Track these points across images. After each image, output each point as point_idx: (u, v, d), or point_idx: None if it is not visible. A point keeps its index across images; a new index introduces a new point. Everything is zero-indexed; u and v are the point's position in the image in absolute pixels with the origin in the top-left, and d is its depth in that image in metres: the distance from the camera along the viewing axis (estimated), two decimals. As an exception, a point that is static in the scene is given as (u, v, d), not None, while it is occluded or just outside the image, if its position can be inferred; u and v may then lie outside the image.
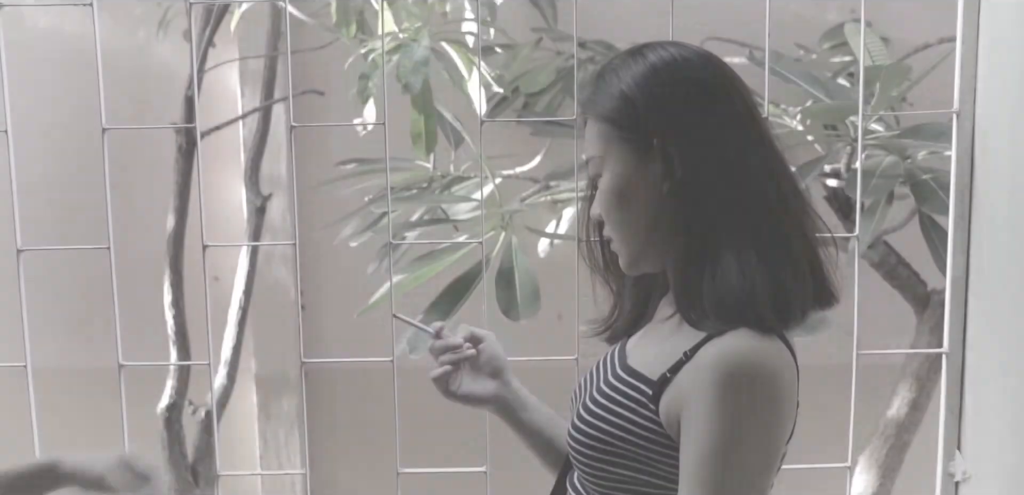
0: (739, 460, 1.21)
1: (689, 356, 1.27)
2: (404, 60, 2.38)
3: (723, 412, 1.21)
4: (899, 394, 2.72)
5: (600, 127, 1.35)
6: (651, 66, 1.33)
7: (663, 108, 1.31)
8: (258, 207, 3.04)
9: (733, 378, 1.21)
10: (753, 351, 1.23)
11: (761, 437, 1.22)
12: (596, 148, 1.35)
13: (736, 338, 1.24)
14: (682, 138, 1.29)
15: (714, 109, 1.31)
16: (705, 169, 1.29)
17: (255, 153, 3.07)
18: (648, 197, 1.32)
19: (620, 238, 1.36)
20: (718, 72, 1.34)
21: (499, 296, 2.30)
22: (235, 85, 3.37)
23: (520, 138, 3.11)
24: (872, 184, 2.25)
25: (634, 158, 1.32)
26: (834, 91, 2.46)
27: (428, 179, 2.80)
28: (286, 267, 3.48)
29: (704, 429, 1.21)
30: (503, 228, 2.44)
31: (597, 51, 3.00)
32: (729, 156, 1.29)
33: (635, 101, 1.31)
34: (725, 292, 1.26)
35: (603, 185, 1.35)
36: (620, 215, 1.34)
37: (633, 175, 1.32)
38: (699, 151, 1.29)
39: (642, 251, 1.36)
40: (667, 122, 1.30)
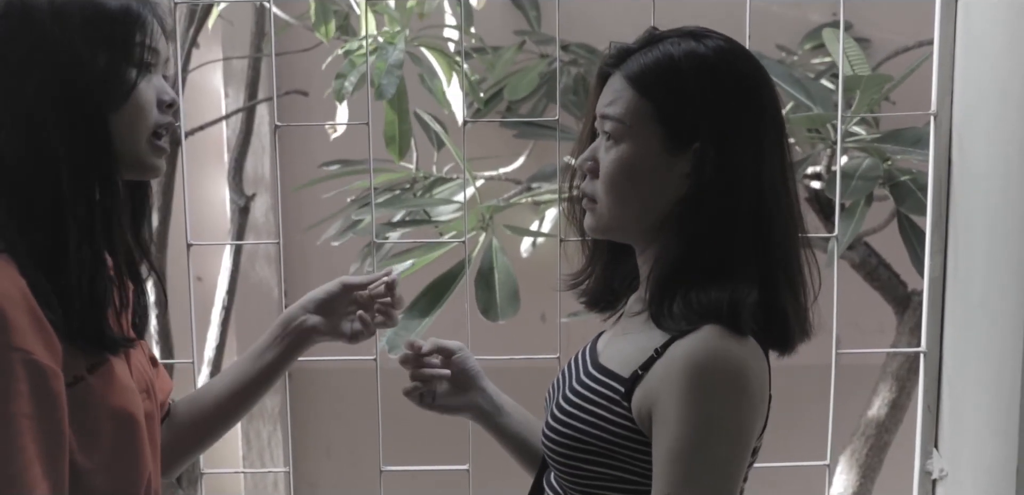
0: (710, 454, 1.21)
1: (660, 352, 1.27)
2: (379, 63, 2.38)
3: (693, 407, 1.21)
4: (879, 394, 2.75)
5: (639, 102, 1.31)
6: (711, 69, 1.30)
7: (714, 118, 1.29)
8: (242, 207, 3.04)
9: (703, 373, 1.22)
10: (723, 347, 1.24)
11: (731, 431, 1.23)
12: (625, 115, 1.32)
13: (706, 333, 1.25)
14: (724, 153, 1.28)
15: (762, 133, 1.31)
16: (737, 186, 1.29)
17: (239, 153, 3.07)
18: (662, 188, 1.31)
19: (609, 204, 1.34)
20: (772, 92, 1.33)
21: (478, 296, 2.31)
22: (219, 85, 3.37)
23: (502, 140, 3.12)
24: (852, 185, 2.27)
25: (664, 149, 1.31)
26: (815, 93, 2.48)
27: (410, 180, 2.81)
28: (269, 267, 3.49)
29: (675, 424, 1.22)
30: (484, 229, 2.45)
31: (580, 54, 3.01)
32: (763, 180, 1.30)
33: (689, 100, 1.30)
34: (708, 302, 1.26)
35: (619, 154, 1.32)
36: (622, 189, 1.33)
37: (656, 163, 1.31)
38: (737, 169, 1.29)
39: (622, 227, 1.36)
40: (713, 133, 1.29)
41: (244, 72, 3.10)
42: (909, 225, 2.36)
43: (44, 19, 1.22)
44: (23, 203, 1.22)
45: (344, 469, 3.58)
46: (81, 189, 1.22)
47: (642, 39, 1.37)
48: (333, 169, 2.87)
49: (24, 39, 1.22)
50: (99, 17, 1.24)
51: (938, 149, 1.91)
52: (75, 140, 1.22)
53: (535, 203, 2.75)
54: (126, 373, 1.29)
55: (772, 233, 1.30)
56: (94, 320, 1.24)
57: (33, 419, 1.14)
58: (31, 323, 1.16)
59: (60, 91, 1.21)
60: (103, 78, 1.24)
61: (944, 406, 1.94)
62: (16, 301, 1.16)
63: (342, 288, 1.56)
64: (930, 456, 1.96)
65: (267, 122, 3.36)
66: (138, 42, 1.25)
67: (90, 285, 1.23)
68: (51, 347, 1.18)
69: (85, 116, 1.23)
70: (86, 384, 1.23)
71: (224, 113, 3.28)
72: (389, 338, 2.20)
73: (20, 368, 1.14)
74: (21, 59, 1.21)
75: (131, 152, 1.28)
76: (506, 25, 3.18)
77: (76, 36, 1.22)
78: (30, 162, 1.21)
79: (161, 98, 1.29)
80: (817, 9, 3.23)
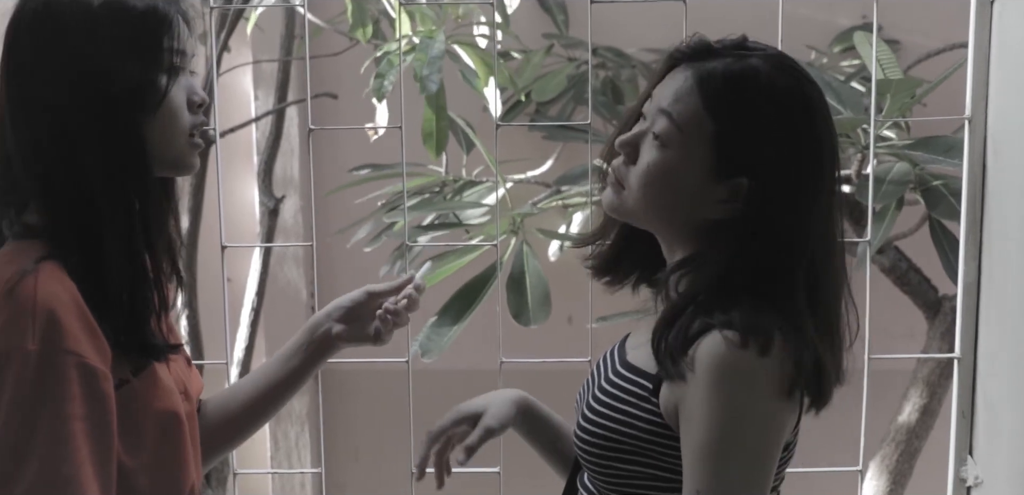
0: (738, 448, 1.20)
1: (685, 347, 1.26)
2: (420, 55, 2.38)
3: (719, 402, 1.20)
4: (910, 399, 2.73)
5: (701, 115, 1.26)
6: (781, 112, 1.25)
7: (770, 162, 1.25)
8: (271, 209, 3.05)
9: (728, 368, 1.20)
10: (749, 341, 1.21)
11: (759, 424, 1.21)
12: (682, 122, 1.26)
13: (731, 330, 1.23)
14: (775, 196, 1.25)
15: (815, 188, 1.27)
16: (777, 230, 1.26)
17: (268, 155, 3.09)
18: (697, 207, 1.28)
19: (637, 198, 1.30)
20: (834, 146, 1.29)
21: (510, 301, 2.31)
22: (248, 88, 3.39)
23: (531, 143, 3.12)
24: (883, 190, 2.26)
25: (710, 170, 1.27)
26: (846, 96, 2.47)
27: (440, 183, 2.81)
28: (297, 269, 3.50)
29: (701, 420, 1.21)
30: (514, 232, 2.46)
31: (608, 57, 3.02)
32: (807, 228, 1.27)
33: (750, 135, 1.25)
34: (726, 322, 1.23)
35: (662, 159, 1.27)
36: (655, 193, 1.29)
37: (698, 182, 1.27)
38: (778, 214, 1.26)
39: (645, 222, 1.33)
40: (764, 176, 1.25)
41: (274, 75, 3.12)
42: (941, 230, 2.35)
43: (73, 30, 1.22)
44: (63, 215, 1.23)
45: (372, 471, 3.59)
46: (118, 199, 1.23)
47: (728, 45, 1.31)
48: (364, 173, 2.89)
49: (55, 52, 1.22)
50: (126, 23, 1.24)
51: (973, 154, 1.90)
52: (110, 151, 1.23)
53: (564, 206, 2.75)
54: (167, 375, 1.31)
55: (812, 284, 1.27)
56: (137, 330, 1.25)
57: (85, 421, 1.16)
58: (82, 327, 1.18)
59: (92, 103, 1.22)
60: (134, 88, 1.24)
61: (978, 412, 1.93)
62: (67, 305, 1.17)
63: (367, 296, 1.57)
64: (965, 463, 1.95)
65: (296, 124, 3.37)
66: (166, 47, 1.25)
67: (131, 297, 1.24)
68: (101, 350, 1.20)
69: (118, 126, 1.23)
70: (131, 387, 1.24)
71: (254, 115, 3.30)
72: (421, 342, 2.20)
73: (73, 371, 1.16)
74: (53, 72, 1.22)
75: (167, 154, 1.29)
76: (534, 29, 3.19)
77: (105, 46, 1.22)
78: (66, 174, 1.22)
79: (192, 99, 1.30)
80: (846, 12, 3.22)
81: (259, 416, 1.56)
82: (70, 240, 1.22)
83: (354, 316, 1.56)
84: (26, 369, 1.14)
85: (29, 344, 1.14)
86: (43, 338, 1.15)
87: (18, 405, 1.14)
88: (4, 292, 1.17)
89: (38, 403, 1.14)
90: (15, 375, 1.14)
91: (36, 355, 1.14)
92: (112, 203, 1.23)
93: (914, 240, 2.64)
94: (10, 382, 1.14)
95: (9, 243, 1.25)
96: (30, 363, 1.14)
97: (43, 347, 1.14)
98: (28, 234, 1.24)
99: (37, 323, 1.15)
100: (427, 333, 2.22)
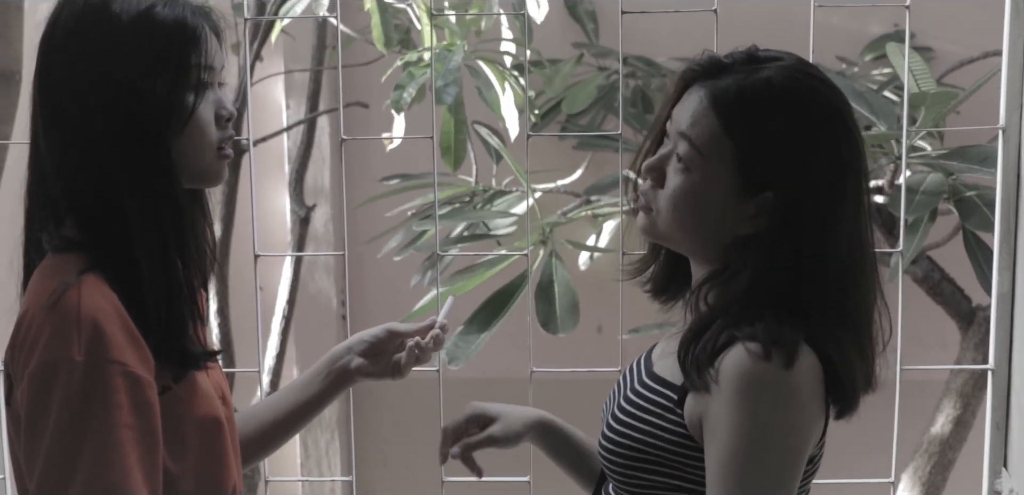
0: (762, 461, 1.19)
1: (711, 360, 1.25)
2: (438, 67, 2.40)
3: (743, 414, 1.19)
4: (943, 410, 2.71)
5: (719, 135, 1.26)
6: (799, 120, 1.24)
7: (792, 173, 1.24)
8: (302, 217, 3.07)
9: (752, 380, 1.20)
10: (774, 353, 1.21)
11: (783, 438, 1.21)
12: (702, 145, 1.26)
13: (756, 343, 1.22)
14: (795, 208, 1.25)
15: (841, 193, 1.26)
16: (805, 241, 1.25)
17: (300, 164, 3.11)
18: (726, 224, 1.28)
19: (667, 220, 1.30)
20: (859, 150, 1.28)
21: (538, 310, 2.31)
22: (279, 97, 3.42)
23: (560, 153, 3.13)
24: (916, 200, 2.24)
25: (735, 189, 1.26)
26: (878, 106, 2.45)
27: (470, 193, 2.82)
28: (328, 277, 3.52)
29: (725, 432, 1.20)
30: (543, 242, 2.46)
31: (638, 67, 3.02)
32: (835, 238, 1.26)
33: (771, 149, 1.25)
34: (751, 334, 1.22)
35: (688, 183, 1.27)
36: (684, 215, 1.29)
37: (724, 201, 1.27)
38: (806, 226, 1.25)
39: (677, 243, 1.33)
40: (788, 188, 1.25)
41: (305, 85, 3.14)
42: (975, 241, 2.33)
43: (102, 46, 1.23)
44: (95, 229, 1.24)
45: (402, 480, 3.60)
46: (148, 213, 1.24)
47: (739, 58, 1.30)
48: (394, 183, 2.90)
49: (84, 68, 1.23)
50: (154, 40, 1.24)
51: (1007, 163, 1.88)
52: (137, 166, 1.24)
53: (594, 216, 2.75)
54: (206, 380, 1.32)
55: (842, 292, 1.27)
56: (176, 340, 1.27)
57: (133, 428, 1.18)
58: (125, 336, 1.20)
59: (120, 119, 1.23)
60: (163, 106, 1.24)
61: (1013, 424, 1.91)
62: (110, 316, 1.19)
63: (389, 334, 1.58)
64: (999, 475, 1.93)
65: (327, 133, 3.40)
66: (194, 63, 1.26)
67: (167, 310, 1.25)
68: (144, 359, 1.21)
69: (146, 142, 1.24)
70: (173, 394, 1.26)
71: (285, 124, 3.32)
72: (449, 349, 2.21)
73: (119, 379, 1.17)
74: (83, 88, 1.23)
75: (195, 167, 1.29)
76: (564, 38, 3.19)
77: (133, 63, 1.23)
78: (97, 189, 1.24)
79: (220, 113, 1.30)
80: (877, 20, 3.20)
81: (274, 440, 1.58)
82: (105, 253, 1.24)
83: (374, 352, 1.57)
84: (73, 379, 1.16)
85: (75, 355, 1.16)
86: (89, 348, 1.16)
87: (66, 415, 1.16)
88: (48, 305, 1.18)
89: (86, 412, 1.16)
90: (62, 386, 1.16)
91: (82, 365, 1.16)
92: (142, 217, 1.24)
93: (947, 250, 2.62)
94: (58, 393, 1.16)
95: (48, 257, 1.27)
96: (77, 373, 1.16)
97: (89, 357, 1.16)
98: (67, 248, 1.25)
99: (82, 334, 1.16)
100: (455, 341, 2.23)
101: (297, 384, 1.58)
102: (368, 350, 1.57)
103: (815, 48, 1.88)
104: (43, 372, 1.17)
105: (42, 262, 1.27)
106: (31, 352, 1.18)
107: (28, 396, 1.18)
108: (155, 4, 1.25)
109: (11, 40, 2.49)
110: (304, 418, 1.58)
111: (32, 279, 1.26)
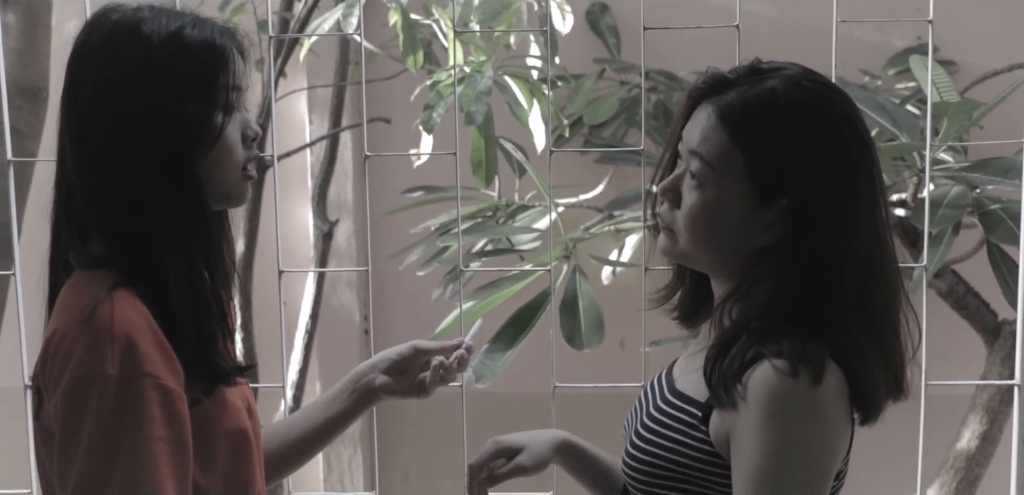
0: (789, 478, 1.19)
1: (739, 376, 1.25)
2: (467, 90, 2.41)
3: (771, 431, 1.20)
4: (969, 426, 2.69)
5: (729, 148, 1.27)
6: (807, 124, 1.26)
7: (804, 178, 1.25)
8: (325, 233, 3.08)
9: (780, 396, 1.20)
10: (800, 369, 1.21)
11: (810, 454, 1.21)
12: (713, 160, 1.28)
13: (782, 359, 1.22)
14: (810, 214, 1.25)
15: (855, 196, 1.27)
16: (822, 248, 1.26)
17: (323, 180, 3.13)
18: (744, 236, 1.29)
19: (687, 239, 1.31)
20: (870, 150, 1.29)
21: (563, 325, 2.31)
22: (303, 112, 3.44)
23: (583, 167, 3.13)
24: (939, 214, 2.23)
25: (750, 199, 1.28)
26: (901, 119, 2.45)
27: (493, 208, 2.83)
28: (351, 292, 3.53)
29: (752, 449, 1.21)
30: (566, 257, 2.46)
31: (660, 81, 3.02)
32: (853, 243, 1.26)
33: (780, 156, 1.26)
34: (777, 351, 1.22)
35: (703, 199, 1.29)
36: (702, 231, 1.30)
37: (740, 213, 1.28)
38: (823, 232, 1.25)
39: (698, 261, 1.34)
40: (801, 193, 1.26)
41: (328, 100, 3.15)
42: (999, 254, 2.31)
43: (131, 66, 1.24)
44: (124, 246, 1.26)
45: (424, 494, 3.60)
46: (175, 231, 1.26)
47: (742, 72, 1.32)
48: (417, 196, 2.91)
49: (113, 86, 1.24)
50: (182, 60, 1.25)
51: (1031, 177, 1.87)
52: (165, 185, 1.25)
53: (616, 230, 2.75)
54: (234, 394, 1.33)
55: (862, 297, 1.27)
56: (206, 356, 1.28)
57: (165, 441, 1.19)
58: (157, 350, 1.21)
59: (149, 141, 1.24)
60: (190, 126, 1.25)
61: (1039, 440, 1.90)
62: (143, 329, 1.21)
63: (414, 352, 1.58)
64: (1026, 492, 1.92)
65: (350, 149, 3.41)
66: (222, 84, 1.27)
67: (197, 327, 1.27)
68: (175, 372, 1.23)
69: (174, 162, 1.25)
70: (203, 407, 1.27)
71: (308, 140, 3.34)
72: (475, 367, 2.21)
73: (152, 393, 1.19)
74: (111, 107, 1.24)
75: (220, 187, 1.31)
76: (586, 53, 3.20)
77: (161, 83, 1.24)
78: (124, 207, 1.25)
79: (246, 133, 1.31)
80: (901, 33, 3.19)
81: (298, 457, 1.59)
82: (133, 270, 1.25)
83: (399, 369, 1.58)
84: (107, 392, 1.17)
85: (109, 368, 1.17)
86: (122, 362, 1.18)
87: (100, 427, 1.17)
88: (82, 319, 1.20)
89: (119, 424, 1.17)
90: (96, 399, 1.17)
91: (116, 378, 1.17)
92: (169, 235, 1.25)
93: (972, 263, 2.61)
94: (92, 406, 1.17)
95: (77, 273, 1.28)
96: (111, 387, 1.17)
97: (122, 370, 1.18)
98: (95, 264, 1.27)
99: (115, 347, 1.18)
100: (481, 359, 2.23)
101: (321, 401, 1.59)
102: (393, 368, 1.57)
103: (838, 62, 1.88)
104: (77, 386, 1.18)
105: (70, 278, 1.28)
106: (64, 366, 1.19)
107: (61, 410, 1.19)
108: (184, 25, 1.26)
109: (38, 57, 2.52)
110: (328, 436, 1.58)
111: (61, 295, 1.28)
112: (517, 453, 1.54)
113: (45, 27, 2.53)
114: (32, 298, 1.40)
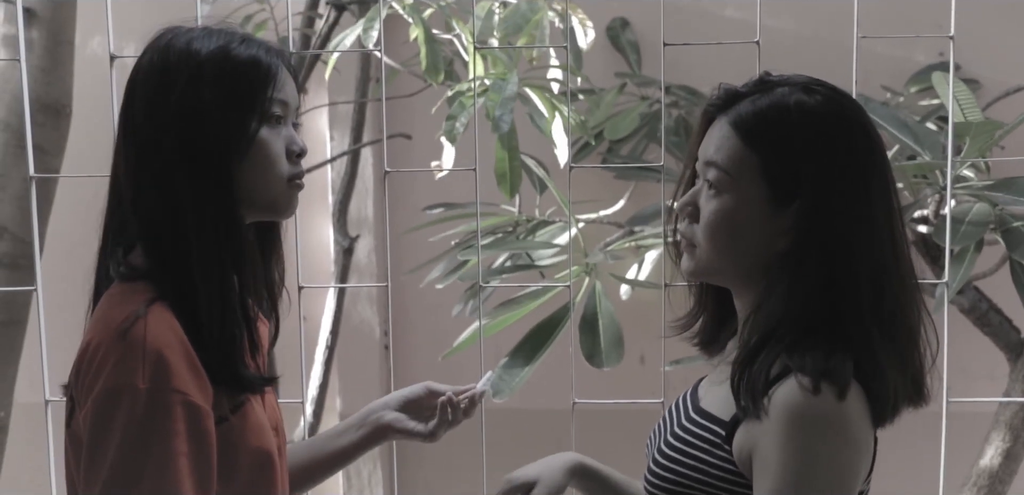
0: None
1: (766, 388, 1.25)
2: (493, 95, 2.42)
3: (793, 450, 1.20)
4: (992, 443, 2.67)
5: (744, 152, 1.30)
6: (819, 127, 1.29)
7: (818, 178, 1.27)
8: (346, 248, 3.09)
9: (803, 416, 1.20)
10: (823, 389, 1.21)
11: (833, 474, 1.21)
12: (729, 166, 1.31)
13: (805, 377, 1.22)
14: (826, 214, 1.27)
15: (869, 197, 1.28)
16: (839, 249, 1.27)
17: (343, 195, 3.14)
18: (763, 241, 1.30)
19: (708, 250, 1.33)
20: (881, 152, 1.31)
21: (583, 342, 2.31)
22: (323, 128, 3.45)
23: (603, 182, 3.13)
24: (962, 231, 2.22)
25: (767, 203, 1.29)
26: (922, 136, 2.44)
27: (513, 223, 2.83)
28: (371, 307, 3.54)
29: (775, 468, 1.21)
30: (586, 274, 2.46)
31: (681, 96, 3.02)
32: (868, 244, 1.27)
33: (794, 157, 1.28)
34: (800, 367, 1.23)
35: (721, 206, 1.31)
36: (722, 239, 1.31)
37: (758, 217, 1.30)
38: (838, 232, 1.27)
39: (721, 273, 1.35)
40: (816, 193, 1.27)
41: (349, 116, 3.17)
42: (1022, 271, 2.30)
43: (180, 80, 1.30)
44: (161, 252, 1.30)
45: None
46: (208, 239, 1.29)
47: (752, 85, 1.35)
48: (437, 212, 2.92)
49: (162, 99, 1.30)
50: (228, 75, 1.31)
51: (1055, 194, 1.86)
52: (202, 191, 1.29)
53: (636, 246, 2.75)
54: (261, 411, 1.36)
55: (877, 299, 1.27)
56: (229, 364, 1.30)
57: (190, 457, 1.23)
58: (188, 367, 1.25)
59: (188, 146, 1.29)
60: (226, 130, 1.30)
61: (1063, 459, 1.88)
62: (175, 347, 1.24)
63: (427, 392, 1.62)
64: (1049, 510, 1.90)
65: (371, 165, 3.42)
66: (269, 96, 1.32)
67: (221, 331, 1.29)
68: (204, 389, 1.26)
69: (210, 168, 1.30)
70: (229, 424, 1.31)
71: (329, 156, 3.35)
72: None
73: (180, 409, 1.23)
74: (159, 118, 1.30)
75: (263, 197, 1.35)
76: (607, 68, 3.20)
77: (206, 96, 1.30)
78: (163, 214, 1.29)
79: (291, 148, 1.36)
80: (923, 50, 3.18)
81: (306, 482, 1.62)
82: (167, 277, 1.29)
83: (411, 407, 1.62)
84: (136, 406, 1.21)
85: (139, 383, 1.21)
86: (152, 377, 1.21)
87: (128, 439, 1.21)
88: (117, 333, 1.24)
89: (147, 438, 1.21)
90: (125, 411, 1.21)
91: (145, 393, 1.21)
92: (202, 236, 1.29)
93: (995, 280, 2.59)
94: (121, 417, 1.21)
95: (115, 285, 1.32)
96: (140, 400, 1.21)
97: (152, 386, 1.21)
98: (133, 276, 1.31)
99: (147, 363, 1.22)
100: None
101: (333, 431, 1.64)
102: (405, 405, 1.61)
103: (859, 78, 1.87)
104: (107, 398, 1.22)
105: (109, 289, 1.32)
106: (96, 378, 1.23)
107: (91, 420, 1.23)
108: (232, 42, 1.33)
109: (62, 75, 2.54)
110: (336, 465, 1.63)
111: (99, 306, 1.32)
112: (532, 487, 1.56)
113: (69, 44, 2.55)
114: (62, 307, 1.43)
